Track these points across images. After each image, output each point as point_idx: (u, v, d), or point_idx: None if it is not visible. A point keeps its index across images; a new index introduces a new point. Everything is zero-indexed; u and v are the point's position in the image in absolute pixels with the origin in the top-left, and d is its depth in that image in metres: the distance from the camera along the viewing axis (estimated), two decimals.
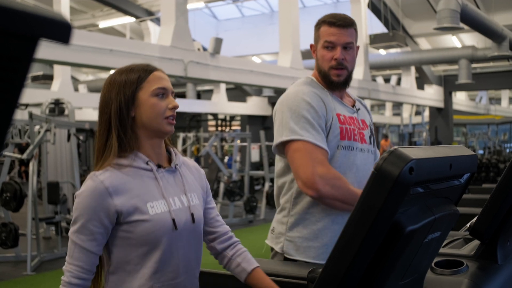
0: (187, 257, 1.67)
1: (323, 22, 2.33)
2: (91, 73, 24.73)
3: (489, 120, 28.12)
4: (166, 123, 1.66)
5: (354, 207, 1.20)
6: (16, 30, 0.53)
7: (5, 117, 0.57)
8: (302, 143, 2.18)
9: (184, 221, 1.66)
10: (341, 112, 2.30)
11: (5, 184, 6.87)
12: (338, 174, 2.19)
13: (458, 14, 10.36)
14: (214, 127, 22.59)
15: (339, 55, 2.28)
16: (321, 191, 2.14)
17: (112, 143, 1.62)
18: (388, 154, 1.17)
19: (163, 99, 1.65)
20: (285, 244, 2.29)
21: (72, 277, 1.59)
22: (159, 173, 1.67)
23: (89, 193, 1.58)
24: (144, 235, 1.59)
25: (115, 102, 1.63)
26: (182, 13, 9.69)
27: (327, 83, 2.33)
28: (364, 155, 2.33)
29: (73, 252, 1.60)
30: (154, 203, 1.62)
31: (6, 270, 6.79)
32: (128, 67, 1.69)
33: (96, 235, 1.58)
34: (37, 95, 11.89)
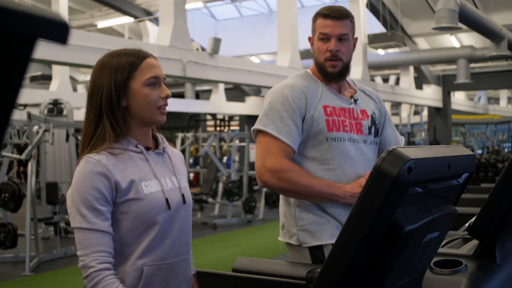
0: (178, 239, 1.66)
1: (319, 14, 2.36)
2: (90, 73, 24.62)
3: (488, 120, 28.14)
4: (159, 113, 1.65)
5: (353, 207, 1.20)
6: (14, 30, 0.53)
7: (3, 117, 0.57)
8: (263, 135, 2.28)
9: (176, 201, 1.66)
10: (330, 103, 2.32)
11: (4, 184, 6.86)
12: (289, 166, 2.23)
13: (456, 14, 10.37)
14: (213, 127, 22.60)
15: (333, 46, 2.31)
16: (268, 182, 2.25)
17: (106, 131, 1.60)
18: (386, 154, 1.17)
19: (156, 89, 1.64)
20: (299, 235, 2.30)
21: (100, 264, 1.49)
22: (149, 155, 1.67)
23: (88, 173, 1.54)
24: (139, 214, 1.57)
25: (106, 90, 1.60)
26: (180, 13, 9.69)
27: (323, 74, 2.36)
28: (359, 146, 2.33)
29: (89, 240, 1.50)
30: (148, 182, 1.61)
31: (5, 271, 6.78)
32: (119, 51, 1.66)
33: (107, 214, 1.54)
34: (36, 95, 11.88)
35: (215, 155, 11.99)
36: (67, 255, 7.44)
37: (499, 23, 12.91)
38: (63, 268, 6.86)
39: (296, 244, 2.32)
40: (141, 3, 17.95)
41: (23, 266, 6.66)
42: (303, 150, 2.30)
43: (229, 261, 1.94)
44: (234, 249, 7.78)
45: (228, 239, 8.76)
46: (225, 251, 7.62)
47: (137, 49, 1.67)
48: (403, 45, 14.62)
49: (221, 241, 8.59)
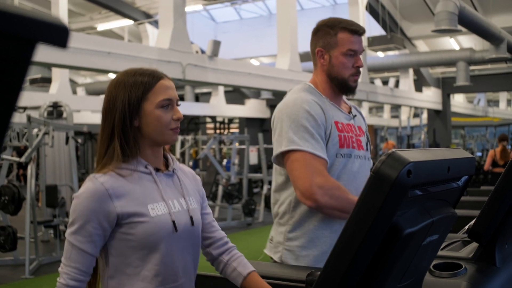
0: (185, 260, 1.67)
1: (343, 28, 2.31)
2: (89, 76, 24.73)
3: (487, 122, 28.15)
4: (172, 134, 1.66)
5: (353, 210, 1.20)
6: (14, 34, 0.53)
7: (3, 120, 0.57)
8: (301, 154, 2.17)
9: (184, 224, 1.66)
10: (339, 119, 2.30)
11: (3, 187, 6.86)
12: (337, 183, 2.18)
13: (456, 16, 10.38)
14: (213, 129, 22.61)
15: (361, 63, 2.32)
16: (320, 201, 2.14)
17: (115, 150, 1.62)
18: (386, 156, 1.17)
19: (168, 111, 1.65)
20: (283, 254, 2.29)
21: (69, 279, 1.57)
22: (158, 177, 1.67)
23: (89, 195, 1.57)
24: (144, 237, 1.58)
25: (119, 109, 1.61)
26: (180, 15, 9.70)
27: (343, 89, 2.34)
28: (361, 162, 2.33)
29: (70, 254, 1.58)
30: (155, 205, 1.62)
31: (4, 274, 6.78)
32: (135, 70, 1.67)
33: (94, 237, 1.57)
34: (35, 98, 11.88)
35: (215, 158, 11.99)
36: None
37: (499, 25, 12.92)
38: None
39: (277, 261, 2.31)
40: (141, 6, 17.96)
41: (22, 269, 6.66)
42: None
43: None
44: None
45: None
46: None
47: (153, 69, 1.68)
48: (403, 48, 14.61)
49: None
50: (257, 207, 10.95)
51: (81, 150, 12.78)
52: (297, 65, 12.26)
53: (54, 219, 7.75)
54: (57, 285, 1.59)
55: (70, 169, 8.84)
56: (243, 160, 11.96)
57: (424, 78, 19.52)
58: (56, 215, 7.81)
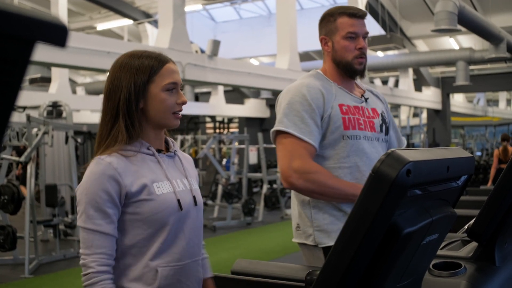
0: (191, 241, 1.67)
1: (342, 13, 2.36)
2: (89, 75, 24.72)
3: (487, 122, 28.16)
4: (173, 118, 1.67)
5: (352, 209, 1.20)
6: (13, 33, 0.53)
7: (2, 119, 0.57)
8: (287, 136, 2.25)
9: (188, 203, 1.67)
10: (344, 102, 2.33)
11: (3, 186, 6.86)
12: (316, 168, 2.22)
13: (455, 16, 10.38)
14: (212, 129, 22.60)
15: (363, 44, 2.35)
16: (295, 184, 2.22)
17: (119, 132, 1.61)
18: (385, 156, 1.17)
19: (173, 94, 1.66)
20: (315, 235, 2.29)
21: (99, 266, 1.53)
22: (160, 157, 1.68)
23: (99, 175, 1.56)
24: (151, 215, 1.58)
25: (125, 90, 1.61)
26: (179, 15, 9.70)
27: (349, 72, 2.37)
28: (373, 144, 2.35)
29: (92, 241, 1.54)
30: (160, 183, 1.62)
31: (4, 273, 6.78)
32: (140, 52, 1.67)
33: (113, 217, 1.56)
34: (35, 97, 11.88)
35: (215, 157, 11.99)
36: (66, 257, 7.44)
37: (498, 25, 12.92)
38: (63, 271, 6.85)
39: (312, 244, 2.31)
40: (141, 6, 17.96)
41: (22, 269, 6.65)
42: (320, 148, 2.30)
43: (229, 263, 1.94)
44: (234, 252, 7.77)
45: (227, 242, 8.76)
46: (224, 254, 7.61)
47: (158, 53, 1.68)
48: (402, 47, 14.61)
49: (221, 243, 8.58)
50: (256, 206, 10.95)
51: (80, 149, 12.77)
52: (296, 65, 12.25)
53: (53, 218, 7.74)
54: (87, 276, 1.53)
55: (70, 168, 8.84)
56: (243, 160, 11.95)
57: (424, 77, 19.52)
58: (55, 214, 7.81)
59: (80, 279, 1.57)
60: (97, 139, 1.66)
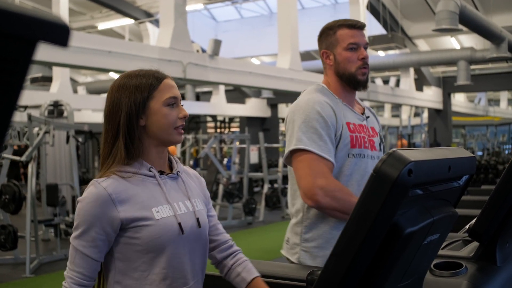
0: (194, 262, 1.66)
1: (341, 25, 2.36)
2: (90, 75, 24.73)
3: (488, 122, 28.14)
4: (176, 133, 1.66)
5: (353, 209, 1.20)
6: (15, 33, 0.53)
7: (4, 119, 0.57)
8: (307, 154, 2.21)
9: (190, 226, 1.64)
10: (351, 120, 2.32)
11: (4, 186, 6.86)
12: (340, 185, 2.20)
13: (456, 15, 10.37)
14: (213, 128, 22.60)
15: (365, 53, 2.35)
16: (320, 202, 2.17)
17: (118, 151, 1.60)
18: (387, 156, 1.17)
19: (174, 109, 1.64)
20: (300, 255, 2.31)
21: (73, 284, 1.59)
22: (162, 179, 1.66)
23: (92, 200, 1.56)
24: (150, 240, 1.57)
25: (125, 109, 1.60)
26: (181, 14, 9.69)
27: (352, 84, 2.36)
28: (373, 162, 2.34)
29: (74, 258, 1.59)
30: (159, 208, 1.60)
31: (5, 272, 6.78)
32: (137, 71, 1.66)
33: (97, 242, 1.56)
34: (36, 97, 11.88)
35: (216, 157, 11.99)
36: (67, 257, 7.38)
37: (499, 24, 12.91)
38: (63, 270, 6.81)
39: (296, 262, 2.33)
40: (142, 5, 17.96)
41: (23, 268, 6.66)
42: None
43: None
44: None
45: None
46: None
47: (155, 70, 1.68)
48: (403, 47, 14.61)
49: None
50: (257, 206, 10.95)
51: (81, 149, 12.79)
52: (297, 64, 12.25)
53: (54, 218, 7.75)
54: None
55: (71, 168, 8.84)
56: (244, 159, 11.95)
57: (425, 77, 19.50)
58: (56, 214, 7.81)
59: None
60: (101, 159, 1.66)
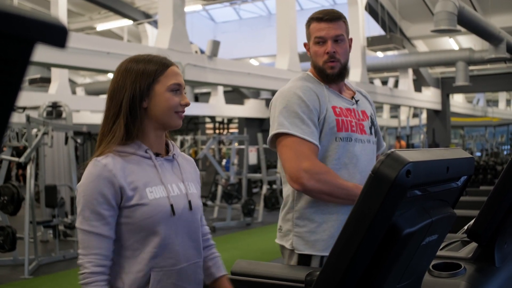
0: (186, 244, 1.68)
1: (312, 19, 2.39)
2: (89, 76, 24.72)
3: (487, 122, 28.16)
4: (176, 117, 1.69)
5: (352, 210, 1.20)
6: (13, 34, 0.53)
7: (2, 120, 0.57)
8: (290, 138, 2.24)
9: (182, 208, 1.68)
10: (337, 104, 2.34)
11: (3, 187, 6.86)
12: (325, 168, 2.23)
13: (455, 16, 10.38)
14: (212, 129, 22.60)
15: (330, 48, 2.33)
16: (306, 185, 2.19)
17: (118, 129, 1.63)
18: (385, 157, 1.17)
19: (177, 95, 1.68)
20: (294, 240, 2.33)
21: (94, 266, 1.57)
22: (158, 161, 1.69)
23: (95, 177, 1.58)
24: (142, 220, 1.60)
25: (129, 90, 1.63)
26: (179, 15, 9.70)
27: (323, 77, 2.37)
28: (364, 146, 2.36)
29: (88, 242, 1.58)
30: (153, 188, 1.63)
31: (3, 274, 6.77)
32: (145, 56, 1.70)
33: (108, 219, 1.58)
34: (35, 98, 11.87)
35: (214, 158, 11.98)
36: (66, 258, 7.43)
37: (498, 25, 12.92)
38: (62, 271, 6.85)
39: (289, 248, 2.35)
40: (140, 6, 17.96)
41: (22, 269, 6.65)
42: None
43: (228, 264, 1.94)
44: (233, 252, 7.77)
45: (227, 242, 8.76)
46: (224, 254, 7.56)
47: (163, 57, 1.72)
48: (402, 48, 14.62)
49: (220, 244, 8.57)
50: (256, 207, 10.94)
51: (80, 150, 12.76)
52: (296, 65, 12.25)
53: (53, 219, 7.74)
54: (82, 276, 1.57)
55: (70, 169, 8.83)
56: (243, 160, 11.95)
57: (424, 78, 19.52)
58: (55, 215, 7.80)
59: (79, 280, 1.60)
60: (99, 137, 1.68)
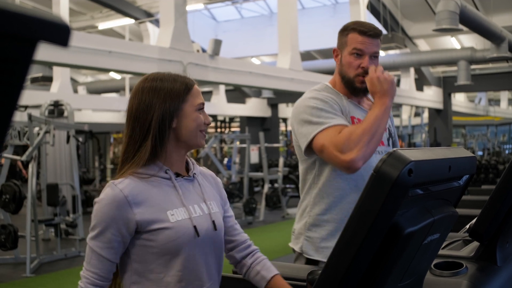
0: (209, 265, 1.66)
1: (353, 29, 2.34)
2: (90, 74, 24.72)
3: (488, 122, 28.13)
4: (201, 136, 1.68)
5: (353, 209, 1.20)
6: (15, 33, 0.53)
7: (4, 119, 0.57)
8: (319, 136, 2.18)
9: (206, 228, 1.65)
10: (355, 115, 2.33)
11: (4, 186, 6.86)
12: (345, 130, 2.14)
13: (457, 15, 10.37)
14: (214, 128, 22.60)
15: (366, 63, 2.31)
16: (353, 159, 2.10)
17: (144, 151, 1.60)
18: (387, 156, 1.17)
19: (202, 113, 1.68)
20: (303, 244, 2.33)
21: (88, 284, 1.59)
22: (178, 182, 1.67)
23: (108, 201, 1.57)
24: (166, 243, 1.58)
25: (158, 110, 1.60)
26: (181, 14, 9.69)
27: (350, 89, 2.36)
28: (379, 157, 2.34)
29: (90, 259, 1.59)
30: (174, 211, 1.61)
31: (5, 272, 6.78)
32: (166, 75, 1.67)
33: (113, 243, 1.58)
34: (36, 96, 11.88)
35: (216, 157, 11.99)
36: (67, 256, 7.45)
37: (500, 24, 12.90)
38: (64, 270, 6.86)
39: (299, 252, 2.36)
40: (142, 5, 17.95)
41: (23, 268, 6.66)
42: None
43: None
44: None
45: None
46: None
47: (184, 76, 1.70)
48: (404, 47, 14.60)
49: None
50: (258, 206, 10.95)
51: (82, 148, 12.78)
52: (298, 64, 12.25)
53: (55, 217, 7.75)
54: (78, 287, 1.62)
55: (71, 167, 8.85)
56: (244, 159, 11.95)
57: (425, 77, 19.50)
58: (57, 213, 7.81)
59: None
60: (121, 157, 1.66)
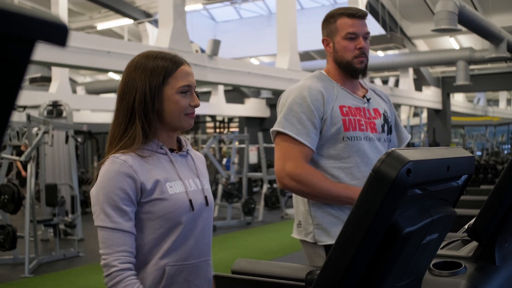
0: (200, 240, 1.67)
1: (341, 14, 2.41)
2: (89, 75, 24.71)
3: (487, 122, 28.14)
4: (186, 119, 1.67)
5: (352, 209, 1.20)
6: (13, 33, 0.53)
7: (2, 119, 0.57)
8: (283, 137, 2.32)
9: (200, 203, 1.67)
10: (346, 103, 2.37)
11: (3, 186, 6.86)
12: (308, 170, 2.27)
13: (455, 15, 10.37)
14: (212, 129, 22.59)
15: (363, 44, 2.38)
16: (287, 186, 2.29)
17: (137, 133, 1.61)
18: (385, 156, 1.17)
19: (187, 96, 1.66)
20: (315, 233, 2.34)
21: (122, 264, 1.52)
22: (173, 157, 1.69)
23: (115, 173, 1.55)
24: (163, 215, 1.58)
25: (139, 92, 1.61)
26: (180, 15, 9.69)
27: (350, 72, 2.41)
28: (374, 144, 2.39)
29: (112, 240, 1.53)
30: (172, 183, 1.63)
31: (4, 273, 6.78)
32: (156, 53, 1.67)
33: (130, 215, 1.56)
34: (35, 97, 11.87)
35: (215, 157, 11.99)
36: (66, 257, 7.44)
37: (498, 25, 12.91)
38: (62, 270, 6.85)
39: (311, 241, 2.35)
40: (141, 5, 17.95)
41: (22, 268, 6.65)
42: (320, 148, 2.34)
43: (229, 263, 1.95)
44: (233, 251, 7.77)
45: (227, 241, 8.76)
46: (224, 253, 7.61)
47: (174, 54, 1.70)
48: (403, 47, 14.62)
49: (221, 243, 8.58)
50: (256, 206, 10.95)
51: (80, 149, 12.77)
52: (296, 65, 12.25)
53: (53, 218, 7.74)
54: (111, 275, 1.51)
55: (70, 168, 8.84)
56: (243, 159, 11.95)
57: (424, 77, 19.51)
58: (55, 214, 7.81)
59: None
60: (109, 139, 1.66)
